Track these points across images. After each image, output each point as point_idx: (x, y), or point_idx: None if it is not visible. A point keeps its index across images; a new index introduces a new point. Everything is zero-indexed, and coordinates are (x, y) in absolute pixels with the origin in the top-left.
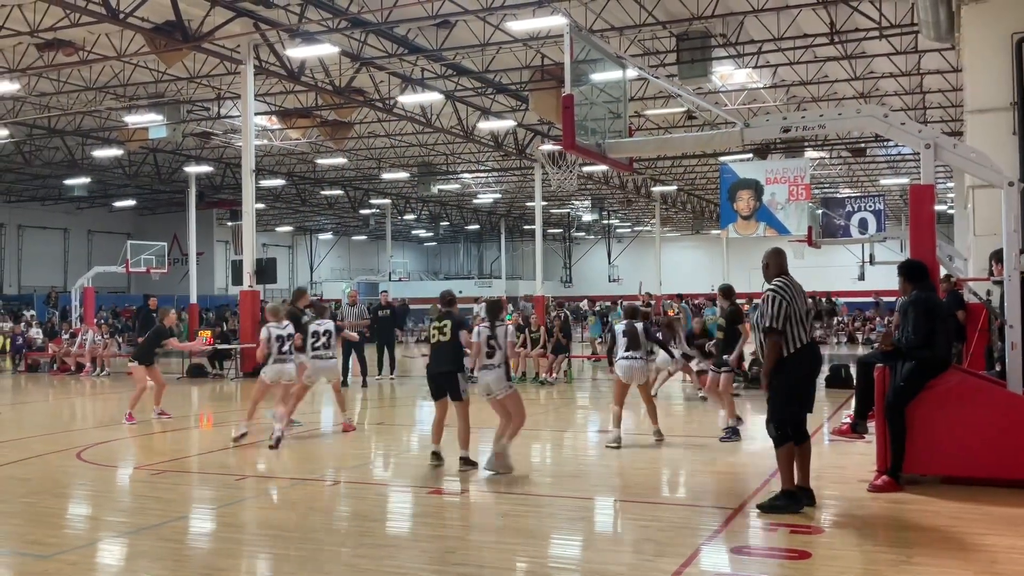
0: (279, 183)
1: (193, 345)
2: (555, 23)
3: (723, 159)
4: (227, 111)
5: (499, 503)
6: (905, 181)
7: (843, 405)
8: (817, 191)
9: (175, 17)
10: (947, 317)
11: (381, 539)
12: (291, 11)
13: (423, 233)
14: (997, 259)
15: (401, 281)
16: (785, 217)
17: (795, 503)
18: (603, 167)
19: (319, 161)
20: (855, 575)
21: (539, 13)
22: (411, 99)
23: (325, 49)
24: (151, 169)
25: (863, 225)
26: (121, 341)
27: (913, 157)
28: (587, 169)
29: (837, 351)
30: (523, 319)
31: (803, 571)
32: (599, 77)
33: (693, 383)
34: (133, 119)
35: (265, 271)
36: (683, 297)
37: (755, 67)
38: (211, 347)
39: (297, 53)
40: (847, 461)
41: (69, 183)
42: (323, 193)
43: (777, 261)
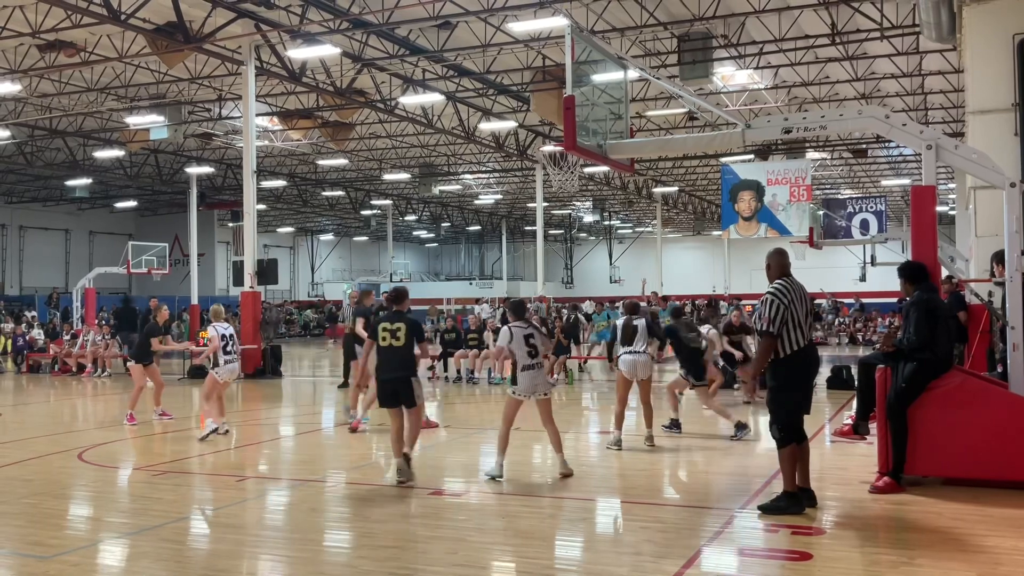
0: (280, 184)
1: (178, 347)
2: (556, 24)
3: (724, 160)
4: (228, 112)
5: (500, 504)
6: (906, 182)
7: (844, 406)
8: (818, 192)
9: (176, 18)
10: (948, 318)
11: (382, 540)
12: (292, 12)
13: (424, 234)
14: (999, 260)
15: (402, 282)
16: (786, 218)
17: (797, 504)
18: (604, 168)
19: (320, 162)
20: None
21: (540, 14)
22: (412, 100)
23: (326, 50)
24: (152, 170)
25: (864, 226)
26: (120, 342)
27: (914, 158)
28: (588, 170)
29: (838, 352)
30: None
31: (804, 572)
32: (600, 78)
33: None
34: (134, 120)
35: (266, 272)
36: (667, 298)
37: (756, 68)
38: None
39: (298, 54)
40: (849, 462)
41: (70, 184)
42: (324, 194)
43: (779, 262)
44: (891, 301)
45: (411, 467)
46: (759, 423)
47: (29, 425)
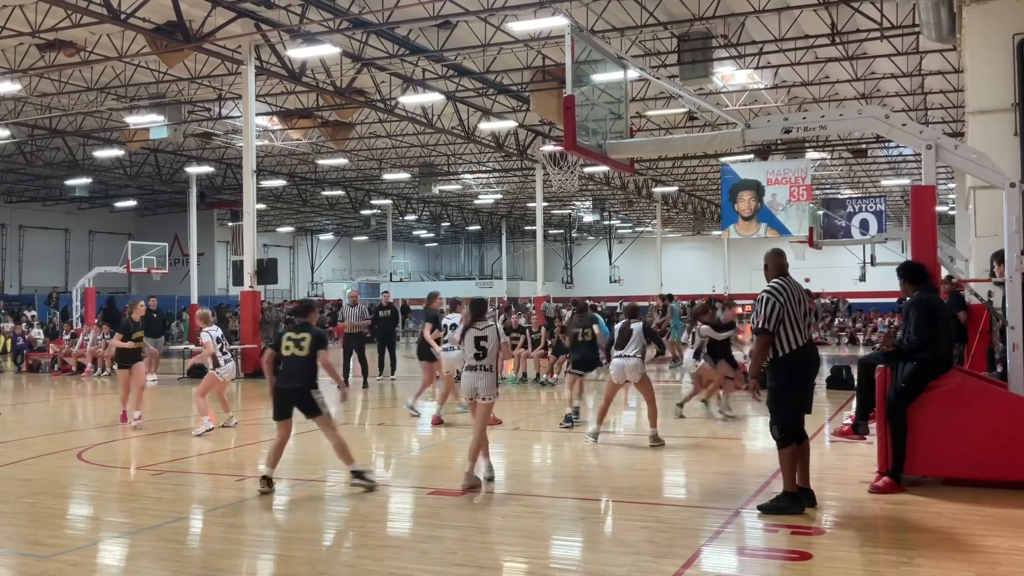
0: (280, 184)
1: (125, 345)
2: (556, 24)
3: (724, 160)
4: (228, 112)
5: (500, 504)
6: (906, 182)
7: (844, 406)
8: (818, 192)
9: (176, 18)
10: (948, 318)
11: (382, 540)
12: (292, 12)
13: (424, 234)
14: (999, 260)
15: (402, 282)
16: (786, 218)
17: (796, 504)
18: (604, 168)
19: (320, 162)
20: None
21: (540, 14)
22: (412, 100)
23: (326, 50)
24: (152, 170)
25: (864, 226)
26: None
27: (914, 158)
28: (588, 170)
29: (838, 352)
30: (549, 316)
31: (804, 572)
32: (600, 78)
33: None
34: (134, 119)
35: (266, 272)
36: (673, 297)
37: (756, 68)
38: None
39: (298, 54)
40: (848, 462)
41: (70, 183)
42: (324, 194)
43: (776, 262)
44: (890, 301)
45: (366, 477)
46: (756, 423)
47: (29, 424)
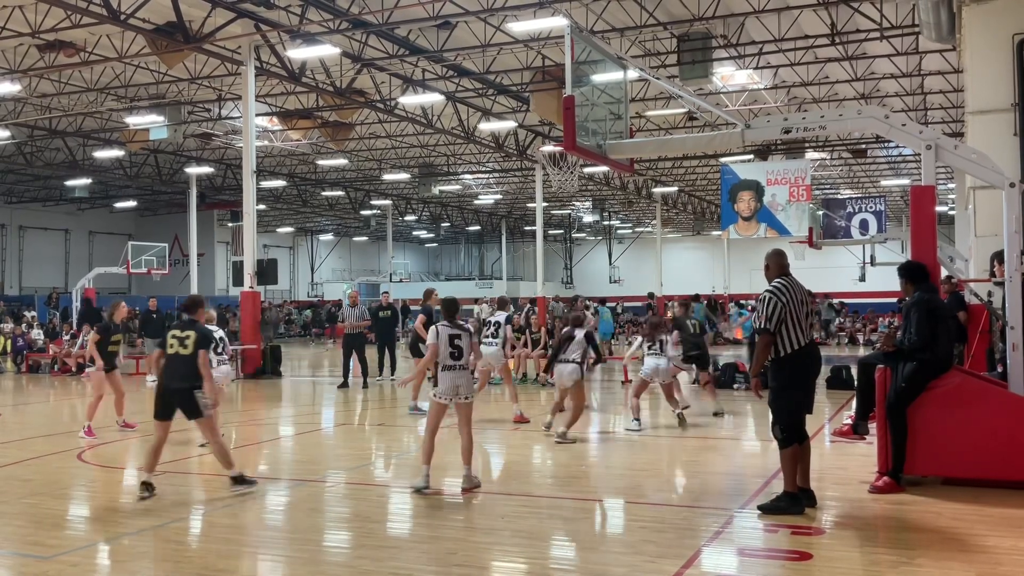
0: (280, 184)
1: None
2: (556, 24)
3: (724, 160)
4: (228, 112)
5: (500, 504)
6: (906, 182)
7: (844, 406)
8: (818, 192)
9: (176, 18)
10: (948, 318)
11: (382, 540)
12: (292, 12)
13: (424, 234)
14: (999, 260)
15: (402, 282)
16: (786, 218)
17: (796, 504)
18: (604, 168)
19: (320, 162)
20: None
21: (540, 14)
22: (412, 100)
23: (326, 50)
24: (152, 170)
25: (864, 226)
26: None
27: (914, 158)
28: (588, 170)
29: (838, 352)
30: (558, 316)
31: (804, 572)
32: (600, 78)
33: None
34: (134, 120)
35: (266, 272)
36: (699, 297)
37: (756, 68)
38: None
39: (298, 54)
40: (848, 462)
41: (70, 184)
42: (324, 194)
43: (778, 262)
44: (890, 301)
45: (247, 479)
46: (760, 424)
47: (28, 425)
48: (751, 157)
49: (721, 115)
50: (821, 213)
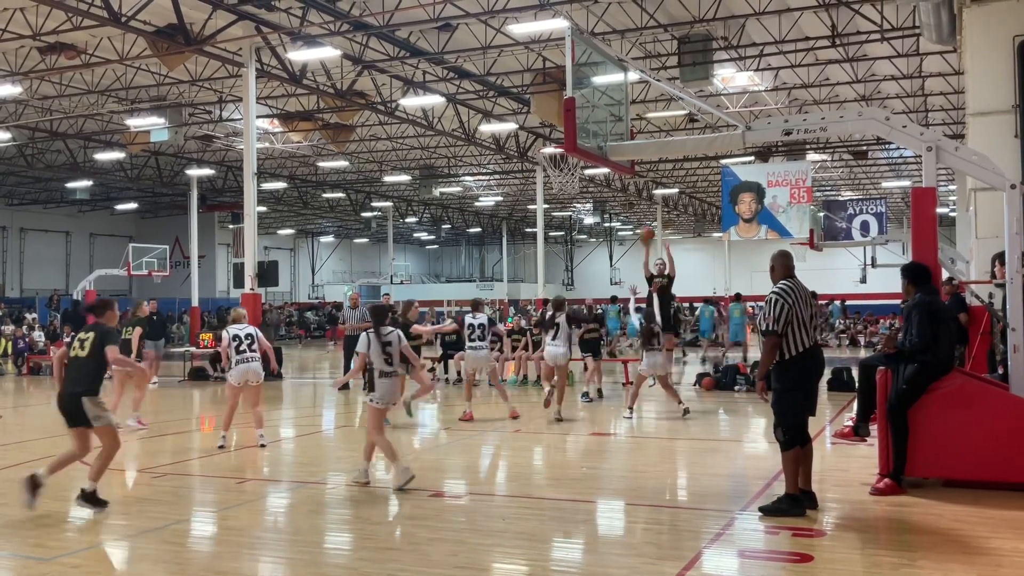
0: (281, 186)
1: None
2: (556, 26)
3: (724, 162)
4: (229, 114)
5: (500, 506)
6: (907, 184)
7: (845, 408)
8: (819, 194)
9: (177, 20)
10: (949, 320)
11: (383, 542)
12: (293, 14)
13: (425, 236)
14: (1001, 261)
15: (403, 284)
16: (787, 220)
17: (798, 506)
18: (604, 170)
19: (321, 164)
20: None
21: (540, 16)
22: (412, 102)
23: (327, 52)
24: (153, 172)
25: (865, 228)
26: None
27: (915, 160)
28: (588, 172)
29: (839, 354)
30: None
31: (805, 574)
32: (600, 80)
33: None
34: (135, 122)
35: (267, 274)
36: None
37: (756, 70)
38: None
39: (299, 56)
40: (849, 464)
41: (71, 186)
42: (325, 196)
43: (784, 263)
44: (891, 303)
45: (96, 499)
46: (759, 425)
47: (29, 427)
48: (752, 159)
49: (722, 117)
50: (822, 215)
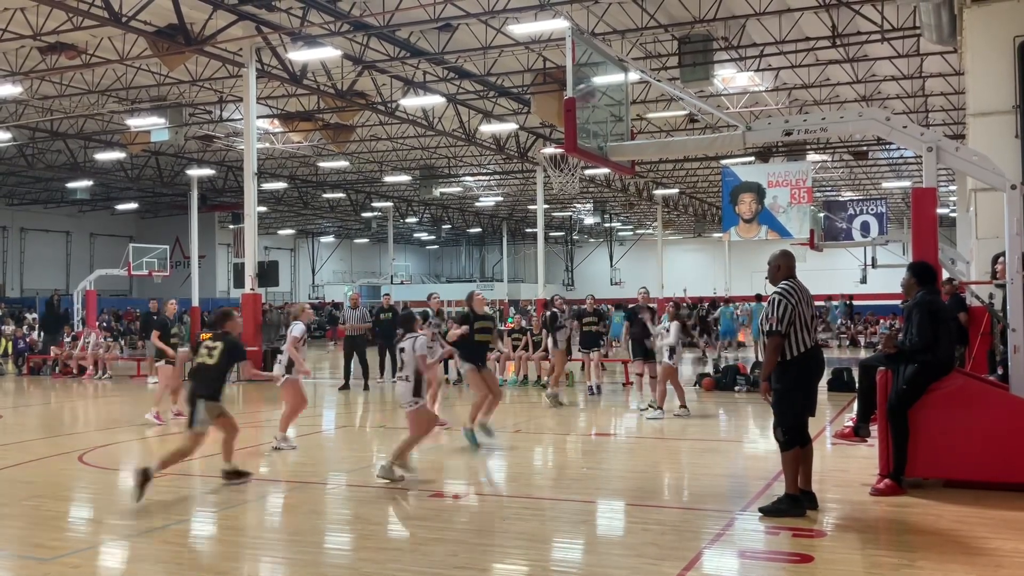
0: (281, 186)
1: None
2: (557, 26)
3: (725, 162)
4: (229, 114)
5: (501, 506)
6: (907, 184)
7: (845, 408)
8: (819, 194)
9: (177, 21)
10: (950, 320)
11: (383, 542)
12: (293, 14)
13: (425, 236)
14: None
15: (403, 284)
16: (787, 220)
17: (798, 507)
18: (605, 170)
19: (321, 164)
20: None
21: (541, 16)
22: (413, 102)
23: (327, 52)
24: (153, 172)
25: (865, 228)
26: (123, 344)
27: (915, 160)
28: (589, 172)
29: (839, 354)
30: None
31: (805, 575)
32: (601, 80)
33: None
34: (135, 122)
35: (267, 274)
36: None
37: (757, 70)
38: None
39: (299, 56)
40: (849, 464)
41: (71, 186)
42: (325, 196)
43: (787, 263)
44: (892, 303)
45: (239, 472)
46: (760, 427)
47: (30, 427)
48: (752, 159)
49: (722, 117)
50: (822, 215)
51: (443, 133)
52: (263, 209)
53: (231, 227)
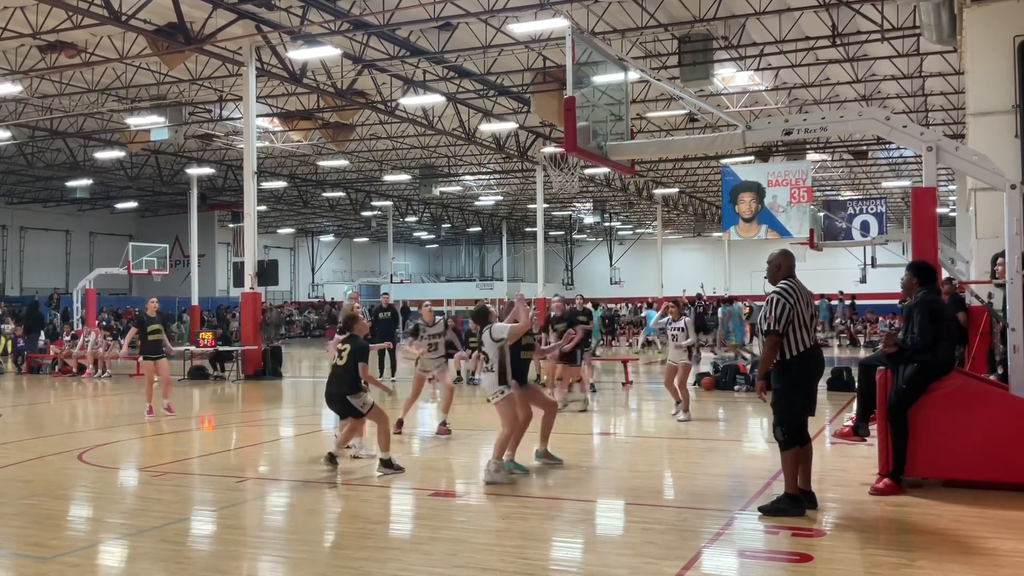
0: (281, 185)
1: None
2: (557, 25)
3: (724, 162)
4: (229, 113)
5: (501, 506)
6: (907, 184)
7: (845, 408)
8: (819, 194)
9: (177, 19)
10: (950, 320)
11: (383, 541)
12: (293, 13)
13: (425, 235)
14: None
15: (403, 283)
16: (787, 219)
17: (797, 506)
18: (605, 169)
19: (321, 163)
20: None
21: (541, 15)
22: (413, 101)
23: (327, 51)
24: (153, 171)
25: (865, 228)
26: (123, 343)
27: (915, 160)
28: (588, 171)
29: (839, 353)
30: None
31: (805, 574)
32: (601, 79)
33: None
34: (135, 121)
35: (267, 273)
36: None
37: (757, 69)
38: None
39: (299, 55)
40: (849, 464)
41: (71, 185)
42: (325, 195)
43: (787, 263)
44: (891, 303)
45: (393, 465)
46: (760, 425)
47: (29, 426)
48: (752, 159)
49: (722, 116)
50: (822, 215)
51: (443, 132)
52: (263, 208)
53: (231, 226)
